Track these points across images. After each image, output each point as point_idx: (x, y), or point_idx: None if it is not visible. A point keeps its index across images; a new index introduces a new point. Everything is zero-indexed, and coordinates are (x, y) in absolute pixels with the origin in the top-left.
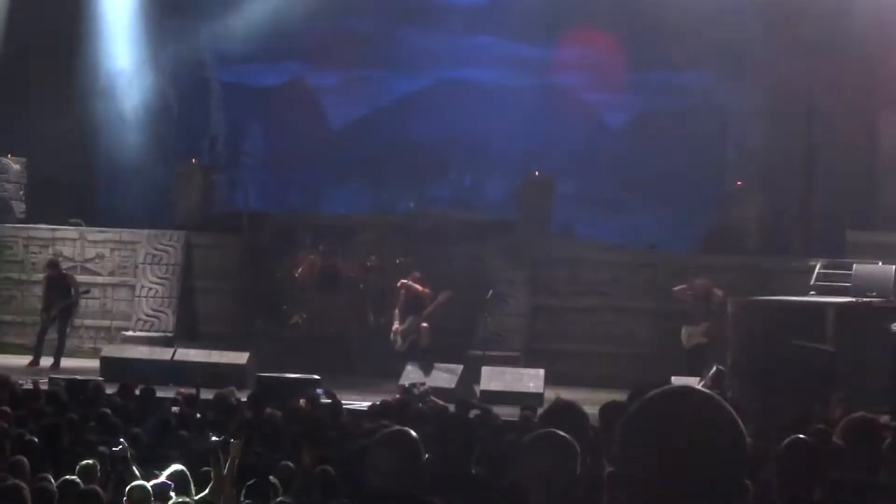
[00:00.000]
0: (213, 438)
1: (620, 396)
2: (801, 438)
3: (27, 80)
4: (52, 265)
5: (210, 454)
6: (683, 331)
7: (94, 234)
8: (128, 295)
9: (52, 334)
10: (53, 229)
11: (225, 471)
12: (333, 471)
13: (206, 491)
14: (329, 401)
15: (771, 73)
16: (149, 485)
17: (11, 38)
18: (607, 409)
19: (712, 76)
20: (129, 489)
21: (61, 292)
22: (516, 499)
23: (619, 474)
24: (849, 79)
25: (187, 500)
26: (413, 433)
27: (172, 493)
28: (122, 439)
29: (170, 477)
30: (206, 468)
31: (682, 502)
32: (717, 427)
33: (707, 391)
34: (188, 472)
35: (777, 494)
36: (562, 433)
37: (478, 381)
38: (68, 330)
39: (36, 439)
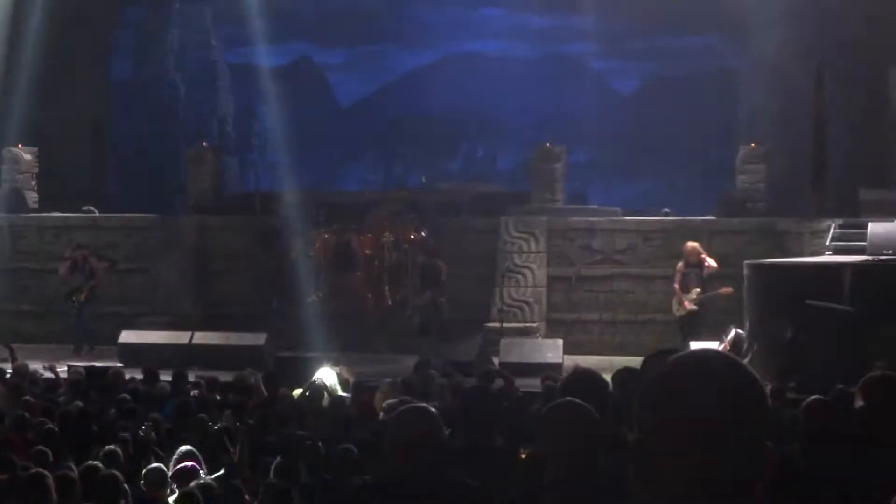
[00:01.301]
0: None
1: (638, 363)
2: (820, 400)
3: (36, 70)
4: (78, 247)
5: (216, 441)
6: (675, 299)
7: (108, 220)
8: (143, 280)
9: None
10: (66, 217)
11: (236, 455)
12: (356, 449)
13: (222, 471)
14: (349, 378)
15: (781, 32)
16: (169, 469)
17: (19, 30)
18: (621, 376)
19: (721, 39)
20: (145, 472)
21: (86, 275)
22: (538, 469)
23: (644, 440)
24: (858, 37)
25: (206, 479)
26: (431, 409)
27: (202, 473)
28: (145, 424)
29: (181, 457)
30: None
31: (708, 467)
32: (741, 391)
33: (730, 355)
34: (197, 453)
35: (798, 456)
36: (579, 402)
37: (496, 354)
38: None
39: (57, 428)
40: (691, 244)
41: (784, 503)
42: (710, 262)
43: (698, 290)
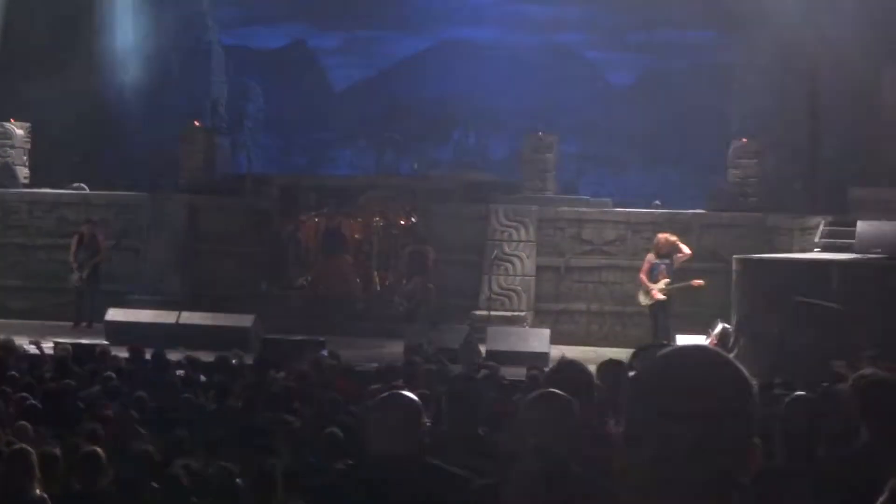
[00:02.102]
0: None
1: (625, 355)
2: (803, 396)
3: (30, 46)
4: (88, 222)
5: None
6: (641, 289)
7: (98, 198)
8: (132, 259)
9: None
10: (58, 194)
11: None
12: (341, 433)
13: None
14: (334, 363)
15: (776, 29)
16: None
17: (15, 5)
18: (605, 368)
19: (716, 34)
20: (136, 453)
21: (91, 251)
22: (516, 459)
23: (631, 433)
24: (853, 34)
25: (191, 462)
26: (412, 395)
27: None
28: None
29: None
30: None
31: (693, 461)
32: (728, 386)
33: (717, 350)
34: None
35: (780, 452)
36: (559, 392)
37: (483, 342)
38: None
39: (40, 404)
40: (662, 236)
41: (768, 498)
42: (684, 248)
43: (667, 280)
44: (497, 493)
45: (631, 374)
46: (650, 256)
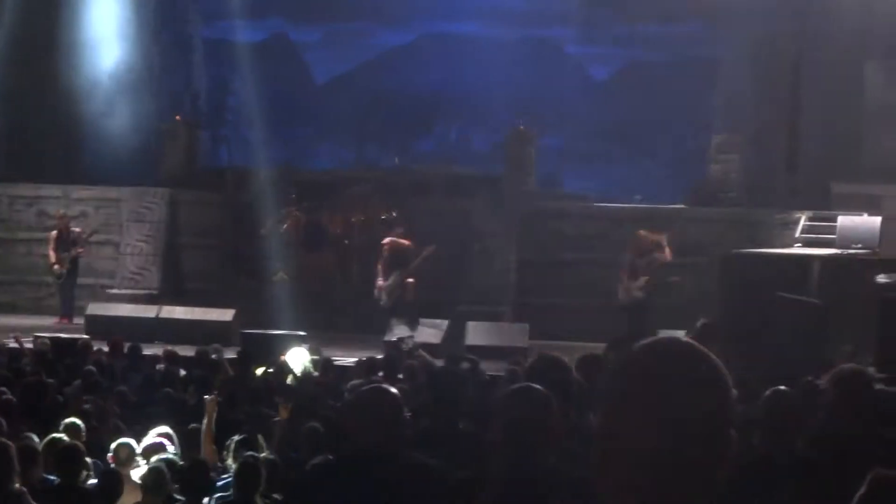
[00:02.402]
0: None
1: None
2: (782, 391)
3: (6, 37)
4: (61, 218)
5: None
6: (620, 286)
7: (78, 191)
8: (112, 252)
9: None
10: (38, 187)
11: (203, 427)
12: (322, 427)
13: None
14: (315, 357)
15: (758, 24)
16: (140, 445)
17: None
18: (585, 362)
19: (699, 28)
20: (116, 447)
21: (68, 246)
22: (491, 453)
23: (607, 426)
24: (835, 29)
25: (171, 456)
26: (393, 390)
27: (169, 447)
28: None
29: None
30: (193, 426)
31: (671, 454)
32: (705, 378)
33: (691, 342)
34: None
35: (759, 446)
36: (535, 386)
37: (463, 336)
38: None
39: (16, 399)
40: (642, 234)
41: (746, 491)
42: (667, 250)
43: (646, 278)
44: (477, 487)
45: (606, 366)
46: (630, 253)
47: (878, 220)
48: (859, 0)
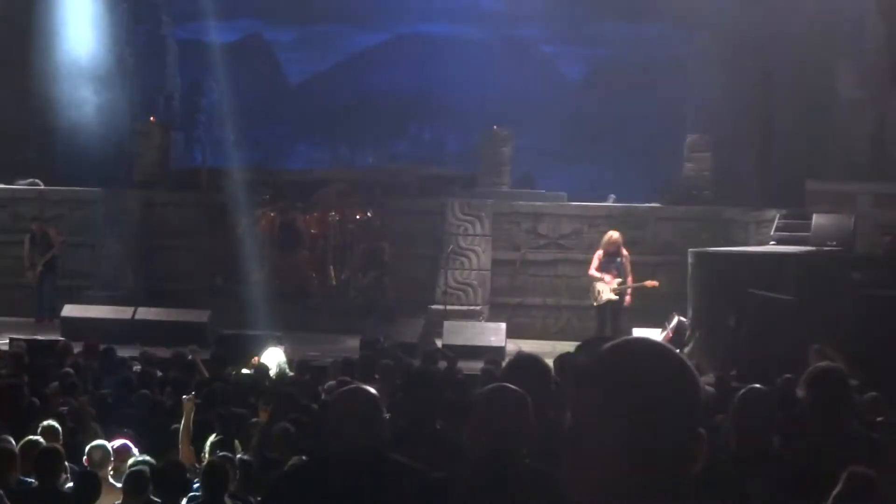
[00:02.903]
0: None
1: None
2: (756, 389)
3: None
4: (35, 221)
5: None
6: (592, 287)
7: (53, 193)
8: (87, 254)
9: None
10: (12, 189)
11: (181, 428)
12: (293, 427)
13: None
14: (291, 357)
15: (730, 23)
16: (109, 445)
17: None
18: (563, 361)
19: (671, 27)
20: (90, 449)
21: (43, 248)
22: (467, 453)
23: (578, 427)
24: (806, 28)
25: (147, 458)
26: (371, 390)
27: (135, 451)
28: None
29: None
30: (174, 426)
31: (636, 454)
32: (672, 378)
33: (659, 342)
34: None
35: (734, 444)
36: (513, 387)
37: (440, 336)
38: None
39: None
40: (614, 234)
41: (719, 489)
42: (624, 251)
43: (619, 280)
44: (453, 486)
45: (576, 367)
46: (599, 254)
47: (852, 218)
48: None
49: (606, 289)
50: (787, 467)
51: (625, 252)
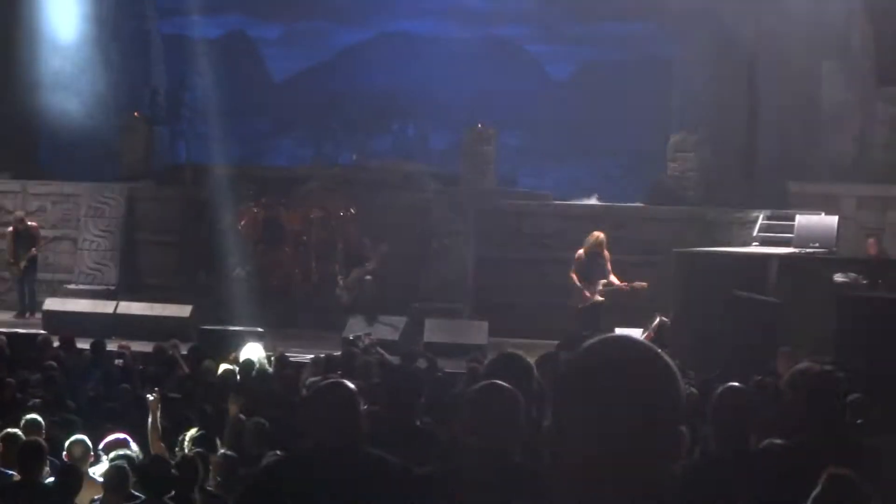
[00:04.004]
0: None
1: None
2: (734, 387)
3: None
4: (18, 220)
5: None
6: (575, 289)
7: (36, 186)
8: (70, 248)
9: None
10: None
11: (149, 425)
12: (268, 423)
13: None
14: (270, 353)
15: (715, 23)
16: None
17: None
18: (545, 360)
19: (656, 27)
20: (69, 444)
21: (26, 244)
22: (458, 450)
23: (559, 425)
24: (792, 27)
25: (128, 453)
26: (349, 385)
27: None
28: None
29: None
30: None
31: (617, 453)
32: (653, 376)
33: (640, 340)
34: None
35: (713, 442)
36: (505, 385)
37: (421, 334)
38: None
39: None
40: (599, 235)
41: (699, 488)
42: (606, 253)
43: (604, 281)
44: (436, 482)
45: (557, 365)
46: (580, 253)
47: (835, 219)
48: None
49: (590, 290)
50: (772, 468)
51: (606, 253)
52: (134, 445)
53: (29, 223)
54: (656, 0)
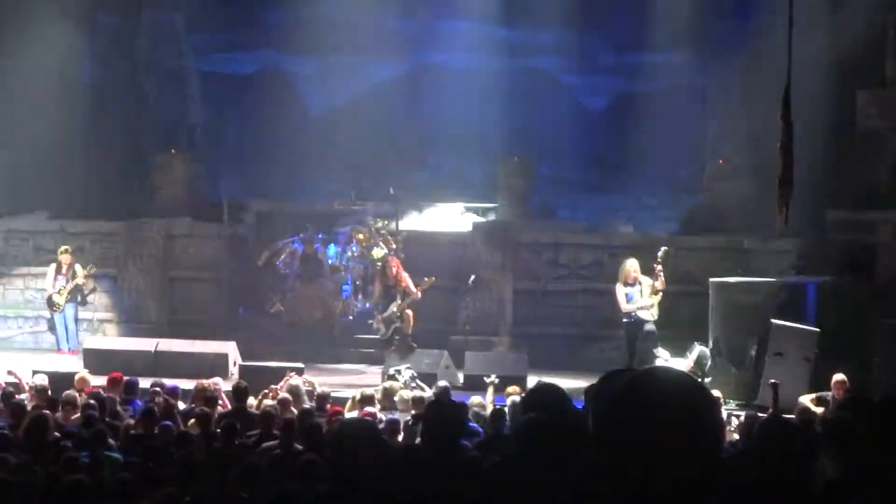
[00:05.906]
0: None
1: None
2: (779, 417)
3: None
4: (63, 252)
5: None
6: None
7: (75, 225)
8: (110, 286)
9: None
10: (34, 222)
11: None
12: (318, 458)
13: None
14: (310, 389)
15: (750, 51)
16: None
17: None
18: (590, 391)
19: (691, 56)
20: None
21: (68, 280)
22: (504, 479)
23: (600, 456)
24: (827, 58)
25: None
26: (372, 420)
27: None
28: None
29: None
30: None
31: (663, 482)
32: (693, 407)
33: (683, 372)
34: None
35: (752, 472)
36: (551, 417)
37: (461, 366)
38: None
39: (10, 434)
40: (633, 262)
41: None
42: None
43: (645, 302)
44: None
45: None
46: (619, 285)
47: (873, 247)
48: (850, 30)
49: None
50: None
51: (644, 278)
52: None
53: (71, 257)
54: (692, 30)
